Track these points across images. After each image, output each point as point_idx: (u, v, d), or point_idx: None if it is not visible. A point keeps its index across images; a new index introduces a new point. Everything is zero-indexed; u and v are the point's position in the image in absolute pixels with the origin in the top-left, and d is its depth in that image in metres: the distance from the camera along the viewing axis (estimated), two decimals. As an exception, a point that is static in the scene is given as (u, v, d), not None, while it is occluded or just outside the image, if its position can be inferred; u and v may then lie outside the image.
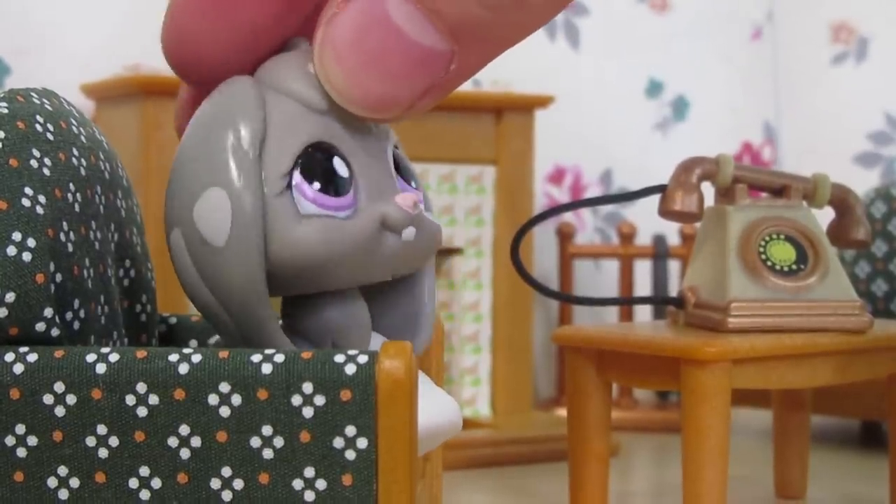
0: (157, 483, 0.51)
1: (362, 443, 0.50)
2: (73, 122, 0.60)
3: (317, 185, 0.51)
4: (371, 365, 0.49)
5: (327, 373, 0.50)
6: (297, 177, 0.51)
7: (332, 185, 0.51)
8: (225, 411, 0.50)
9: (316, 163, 0.51)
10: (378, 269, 0.53)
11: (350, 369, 0.50)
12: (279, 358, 0.50)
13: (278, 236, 0.50)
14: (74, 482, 0.51)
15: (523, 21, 0.36)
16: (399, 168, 0.56)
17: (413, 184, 0.56)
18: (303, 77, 0.51)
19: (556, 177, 2.60)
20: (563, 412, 2.13)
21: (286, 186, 0.51)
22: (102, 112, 2.01)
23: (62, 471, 0.51)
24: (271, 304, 0.53)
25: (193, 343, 0.71)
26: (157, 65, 1.92)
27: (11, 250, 0.53)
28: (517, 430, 2.04)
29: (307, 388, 0.50)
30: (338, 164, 0.52)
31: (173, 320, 0.72)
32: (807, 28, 2.80)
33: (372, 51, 0.40)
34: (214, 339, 0.71)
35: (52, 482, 0.51)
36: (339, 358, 0.50)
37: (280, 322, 0.58)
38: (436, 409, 0.55)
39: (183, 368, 0.50)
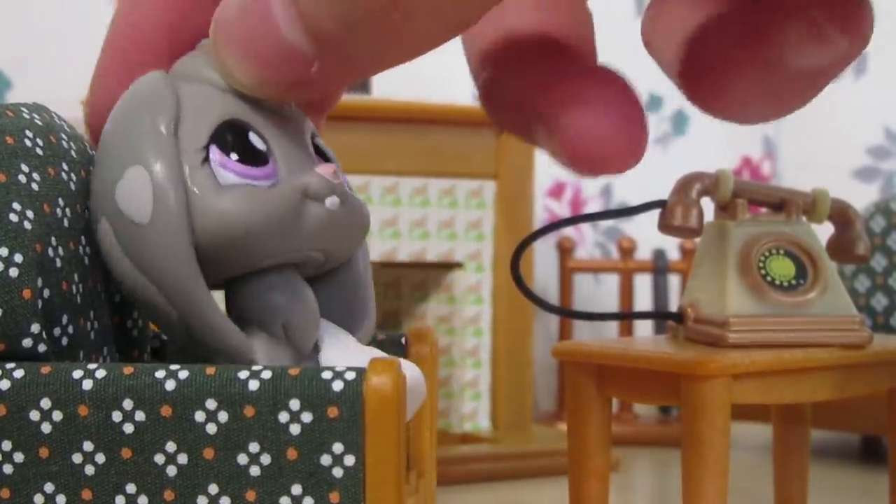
0: (143, 500, 0.50)
1: (349, 460, 0.49)
2: (64, 136, 0.60)
3: (235, 156, 0.52)
4: (358, 381, 0.49)
5: (314, 389, 0.49)
6: (214, 150, 0.52)
7: (251, 156, 0.52)
8: (212, 428, 0.50)
9: (232, 137, 0.52)
10: (305, 241, 0.53)
11: (337, 386, 0.49)
12: (266, 374, 0.50)
13: (201, 209, 0.51)
14: (61, 499, 0.51)
15: (377, 48, 0.36)
16: (320, 153, 0.57)
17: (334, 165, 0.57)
18: (213, 64, 0.52)
19: (556, 191, 2.60)
20: (563, 427, 2.13)
21: (204, 160, 0.52)
22: (103, 126, 2.01)
23: (48, 488, 0.51)
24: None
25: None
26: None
27: None
28: (517, 445, 2.04)
29: (294, 404, 0.49)
30: (254, 138, 0.53)
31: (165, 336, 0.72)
32: (806, 43, 2.81)
33: (248, 33, 0.41)
34: None
35: (38, 499, 0.51)
36: (327, 374, 0.50)
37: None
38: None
39: (169, 385, 0.50)
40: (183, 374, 0.50)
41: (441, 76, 2.35)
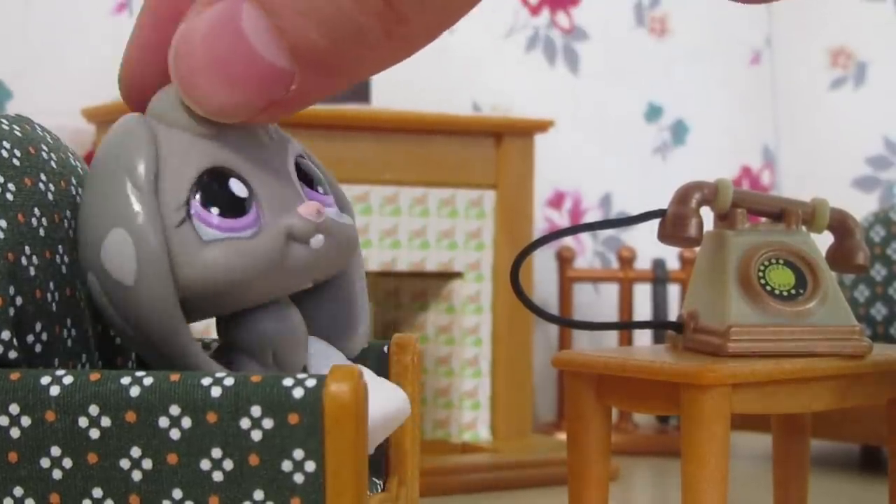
0: None
1: (310, 466, 0.50)
2: (44, 147, 0.61)
3: (216, 209, 0.52)
4: (318, 389, 0.50)
5: (275, 396, 0.50)
6: (195, 205, 0.52)
7: (232, 207, 0.52)
8: (175, 434, 0.51)
9: (213, 188, 0.52)
10: (293, 280, 0.54)
11: (298, 393, 0.50)
12: (228, 381, 0.51)
13: (185, 265, 0.52)
14: (29, 503, 0.51)
15: (363, 57, 0.36)
16: (305, 177, 0.56)
17: (321, 189, 0.57)
18: (188, 106, 0.51)
19: (556, 201, 2.61)
20: (563, 436, 2.13)
21: (186, 216, 0.52)
22: (103, 135, 2.01)
23: (17, 492, 0.51)
24: (193, 328, 0.54)
25: None
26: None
27: None
28: (517, 454, 2.04)
29: (255, 411, 0.50)
30: (235, 185, 0.53)
31: None
32: (805, 53, 2.81)
33: (218, 55, 0.41)
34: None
35: (7, 503, 0.52)
36: (288, 382, 0.50)
37: (207, 341, 0.58)
38: (380, 400, 0.56)
39: (134, 391, 0.51)
40: (147, 381, 0.51)
41: (440, 86, 2.35)
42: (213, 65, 0.41)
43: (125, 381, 0.51)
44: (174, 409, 0.50)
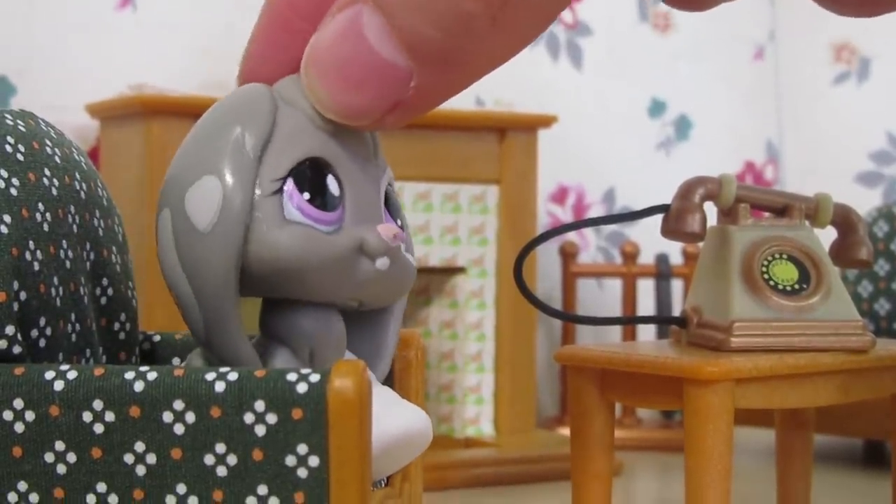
0: (113, 499, 0.51)
1: (314, 461, 0.50)
2: (48, 143, 0.61)
3: (307, 195, 0.53)
4: (322, 384, 0.50)
5: (279, 391, 0.50)
6: (289, 184, 0.53)
7: (322, 199, 0.53)
8: (179, 429, 0.51)
9: (309, 175, 0.53)
10: (347, 290, 0.55)
11: (302, 388, 0.50)
12: (232, 376, 0.51)
13: (260, 235, 0.52)
14: (34, 497, 0.52)
15: (474, 49, 0.37)
16: (388, 205, 0.58)
17: (398, 222, 0.58)
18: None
19: (559, 196, 2.61)
20: (566, 431, 2.13)
21: (277, 190, 0.53)
22: (107, 131, 2.02)
23: (22, 486, 0.52)
24: (246, 307, 0.54)
25: (176, 360, 0.71)
26: (162, 84, 1.92)
27: None
28: (520, 450, 2.04)
29: (259, 406, 0.50)
30: (330, 181, 0.54)
31: (157, 338, 0.72)
32: (809, 48, 2.81)
33: (341, 60, 0.42)
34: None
35: (12, 497, 0.52)
36: (292, 376, 0.50)
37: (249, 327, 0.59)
38: (401, 419, 0.56)
39: (138, 386, 0.51)
40: (151, 376, 0.51)
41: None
42: (337, 69, 0.42)
43: (129, 375, 0.51)
44: (178, 404, 0.51)
